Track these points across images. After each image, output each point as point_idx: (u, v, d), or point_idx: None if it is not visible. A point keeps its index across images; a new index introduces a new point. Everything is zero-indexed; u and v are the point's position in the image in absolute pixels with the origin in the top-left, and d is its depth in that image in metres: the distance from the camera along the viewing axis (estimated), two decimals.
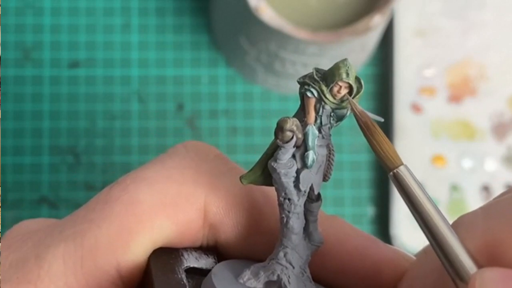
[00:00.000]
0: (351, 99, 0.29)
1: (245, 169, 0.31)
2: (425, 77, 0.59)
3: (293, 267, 0.30)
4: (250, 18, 0.52)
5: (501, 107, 0.59)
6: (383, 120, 0.29)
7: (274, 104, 0.59)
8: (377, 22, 0.52)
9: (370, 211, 0.58)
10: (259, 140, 0.59)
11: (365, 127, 0.29)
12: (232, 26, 0.56)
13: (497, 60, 0.60)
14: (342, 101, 0.29)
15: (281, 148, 0.29)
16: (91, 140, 0.58)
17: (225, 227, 0.32)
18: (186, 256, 0.31)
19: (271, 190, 0.30)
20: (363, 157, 0.59)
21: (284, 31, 0.51)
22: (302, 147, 0.29)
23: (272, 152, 0.29)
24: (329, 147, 0.30)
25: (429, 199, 0.28)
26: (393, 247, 0.33)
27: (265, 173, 0.30)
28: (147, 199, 0.31)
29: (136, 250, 0.30)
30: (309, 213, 0.30)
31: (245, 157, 0.58)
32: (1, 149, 0.57)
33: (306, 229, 0.30)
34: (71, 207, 0.57)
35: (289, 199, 0.29)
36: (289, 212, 0.30)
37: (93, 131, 0.58)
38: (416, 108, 0.59)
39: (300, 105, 0.30)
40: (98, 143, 0.58)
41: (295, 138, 0.29)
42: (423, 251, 0.31)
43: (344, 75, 0.29)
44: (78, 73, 0.59)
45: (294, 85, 0.57)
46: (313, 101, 0.29)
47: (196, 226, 0.31)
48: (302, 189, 0.29)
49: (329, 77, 0.29)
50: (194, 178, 0.32)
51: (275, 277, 0.29)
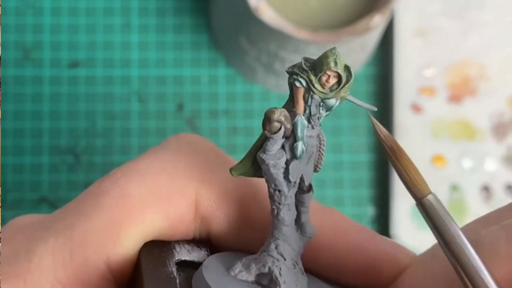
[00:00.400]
0: (375, 121, 0.28)
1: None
2: (425, 77, 0.59)
3: (285, 259, 0.29)
4: (250, 18, 0.52)
5: (501, 107, 0.59)
6: (376, 109, 0.29)
7: (274, 104, 0.59)
8: (377, 22, 0.52)
9: (370, 211, 0.58)
10: None
11: (391, 152, 0.28)
12: (232, 26, 0.56)
13: (497, 60, 0.60)
14: (331, 91, 0.29)
15: (270, 139, 0.29)
16: (91, 140, 0.58)
17: (217, 219, 0.31)
18: (178, 249, 0.31)
19: (263, 182, 0.30)
20: (363, 157, 0.59)
21: (284, 31, 0.51)
22: (291, 137, 0.29)
23: (261, 143, 0.29)
24: (319, 137, 0.30)
25: (459, 232, 0.27)
26: (391, 240, 0.33)
27: (255, 165, 0.30)
28: (137, 192, 0.30)
29: (126, 243, 0.30)
30: (300, 204, 0.30)
31: None
32: (1, 149, 0.57)
33: (298, 221, 0.30)
34: None
35: (279, 191, 0.29)
36: (279, 203, 0.29)
37: (93, 131, 0.58)
38: (416, 108, 0.59)
39: (289, 96, 0.29)
40: (98, 143, 0.58)
41: (283, 128, 0.28)
42: (431, 254, 0.30)
43: (332, 64, 0.28)
44: (78, 73, 0.59)
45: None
46: (301, 91, 0.29)
47: (187, 219, 0.31)
48: (292, 180, 0.29)
49: (317, 66, 0.29)
50: (186, 171, 0.31)
51: (266, 269, 0.29)
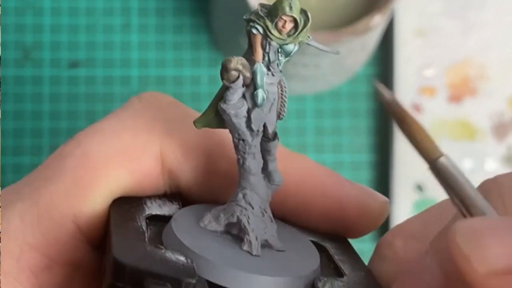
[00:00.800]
0: (380, 85, 0.28)
1: None
2: (425, 77, 0.59)
3: (253, 208, 0.29)
4: None
5: (501, 107, 0.59)
6: (339, 52, 0.28)
7: None
8: (377, 22, 0.52)
9: None
10: None
11: (398, 117, 0.27)
12: (232, 26, 0.56)
13: (497, 60, 0.60)
14: (288, 36, 0.29)
15: (229, 88, 0.29)
16: None
17: (184, 172, 0.31)
18: (149, 204, 0.31)
19: (228, 132, 0.30)
20: (363, 157, 0.59)
21: None
22: (251, 86, 0.29)
23: (222, 94, 0.29)
24: (280, 84, 0.29)
25: (475, 191, 0.26)
26: (360, 185, 0.33)
27: (218, 115, 0.29)
28: (100, 150, 0.30)
29: (92, 201, 0.30)
30: (266, 153, 0.30)
31: None
32: (1, 149, 0.57)
33: (265, 169, 0.30)
34: None
35: (243, 140, 0.29)
36: (244, 153, 0.29)
37: None
38: (416, 108, 0.59)
39: (247, 44, 0.29)
40: None
41: (241, 77, 0.28)
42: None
43: (287, 9, 0.28)
44: (78, 73, 0.59)
45: (294, 85, 0.57)
46: (259, 38, 0.28)
47: (154, 173, 0.31)
48: (254, 128, 0.29)
49: (273, 12, 0.28)
50: (148, 125, 0.31)
51: (234, 219, 0.29)
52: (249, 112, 0.29)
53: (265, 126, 0.29)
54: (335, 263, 0.30)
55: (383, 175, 0.59)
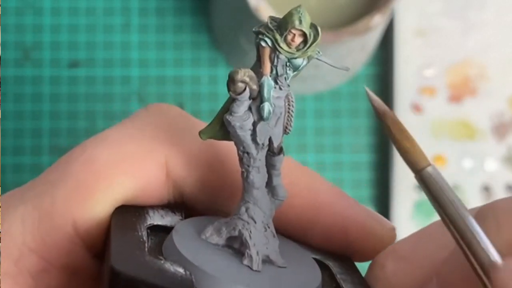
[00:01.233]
0: (371, 93, 0.27)
1: None
2: (425, 77, 0.59)
3: (255, 222, 0.29)
4: (250, 18, 0.52)
5: (501, 107, 0.59)
6: (349, 69, 0.28)
7: None
8: (377, 22, 0.52)
9: None
10: None
11: (388, 124, 0.27)
12: (232, 26, 0.56)
13: (497, 60, 0.60)
14: (297, 50, 0.28)
15: (236, 100, 0.28)
16: None
17: (188, 182, 0.31)
18: (151, 213, 0.30)
19: (233, 144, 0.29)
20: (363, 157, 0.59)
21: None
22: (258, 99, 0.28)
23: (229, 106, 0.29)
24: (288, 98, 0.29)
25: (461, 204, 0.26)
26: (366, 207, 0.32)
27: (224, 127, 0.29)
28: (105, 157, 0.30)
29: (94, 207, 0.30)
30: (271, 167, 0.29)
31: None
32: (1, 149, 0.57)
33: (269, 184, 0.30)
34: None
35: (247, 153, 0.29)
36: (248, 166, 0.29)
37: (93, 131, 0.58)
38: (416, 108, 0.59)
39: (256, 56, 0.29)
40: None
41: (248, 89, 0.28)
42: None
43: (296, 22, 0.28)
44: (78, 73, 0.59)
45: (294, 85, 0.57)
46: (267, 51, 0.28)
47: (158, 182, 0.31)
48: (259, 142, 0.29)
49: (282, 25, 0.28)
50: (153, 135, 0.31)
51: (236, 233, 0.29)
52: (254, 125, 0.29)
53: (270, 140, 0.29)
54: (337, 282, 0.30)
55: (383, 175, 0.59)
